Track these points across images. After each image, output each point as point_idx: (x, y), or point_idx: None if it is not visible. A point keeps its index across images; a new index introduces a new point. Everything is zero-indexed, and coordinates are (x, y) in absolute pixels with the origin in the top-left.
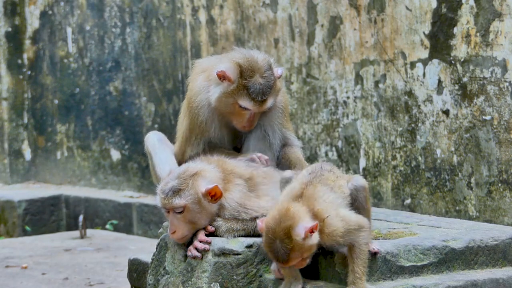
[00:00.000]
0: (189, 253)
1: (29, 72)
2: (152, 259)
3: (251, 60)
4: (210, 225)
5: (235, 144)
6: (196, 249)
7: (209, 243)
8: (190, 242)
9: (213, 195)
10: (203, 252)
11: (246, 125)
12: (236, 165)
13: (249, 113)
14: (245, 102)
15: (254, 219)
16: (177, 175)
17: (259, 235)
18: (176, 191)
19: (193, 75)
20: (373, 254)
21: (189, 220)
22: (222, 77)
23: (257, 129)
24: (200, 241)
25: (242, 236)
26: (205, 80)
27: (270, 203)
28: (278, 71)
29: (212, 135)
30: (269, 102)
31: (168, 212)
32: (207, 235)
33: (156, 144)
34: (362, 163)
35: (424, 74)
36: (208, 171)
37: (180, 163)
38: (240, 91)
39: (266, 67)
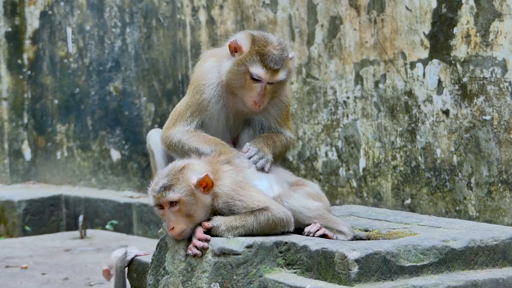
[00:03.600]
0: (189, 252)
1: (29, 72)
2: (152, 259)
3: (264, 34)
4: (209, 223)
5: (236, 132)
6: (196, 247)
7: (208, 240)
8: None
9: (205, 186)
10: (202, 249)
11: (257, 100)
12: (221, 154)
13: (260, 86)
14: (257, 70)
15: (251, 213)
16: (166, 173)
17: (258, 234)
18: (168, 187)
19: (201, 60)
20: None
21: (186, 214)
22: (234, 48)
23: (256, 124)
24: (199, 239)
25: (242, 233)
26: (216, 62)
27: (261, 195)
28: (290, 53)
29: (210, 115)
30: (281, 75)
31: (163, 209)
32: (205, 233)
33: (157, 143)
34: (362, 163)
35: (424, 74)
36: (195, 164)
37: (163, 140)
38: (252, 58)
39: (280, 42)
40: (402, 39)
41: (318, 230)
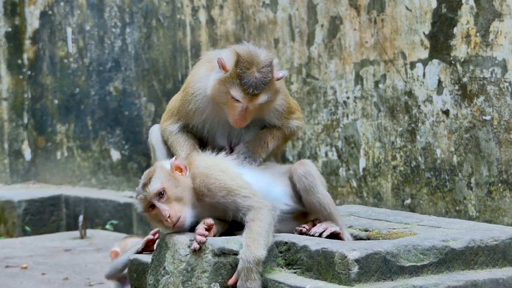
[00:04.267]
0: (192, 247)
1: (29, 72)
2: (152, 259)
3: (252, 53)
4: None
5: (229, 139)
6: (197, 242)
7: (206, 236)
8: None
9: (181, 170)
10: (201, 244)
11: (238, 119)
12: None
13: (241, 107)
14: (236, 93)
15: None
16: (142, 178)
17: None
18: (147, 183)
19: (198, 64)
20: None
21: (175, 198)
22: (220, 65)
23: (256, 127)
24: (199, 235)
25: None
26: (208, 70)
27: (240, 179)
28: (279, 73)
29: (196, 123)
30: (261, 99)
31: (154, 207)
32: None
33: (158, 139)
34: (362, 163)
35: (424, 74)
36: (164, 161)
37: (161, 131)
38: (232, 80)
39: (266, 64)
40: (402, 39)
41: (324, 230)
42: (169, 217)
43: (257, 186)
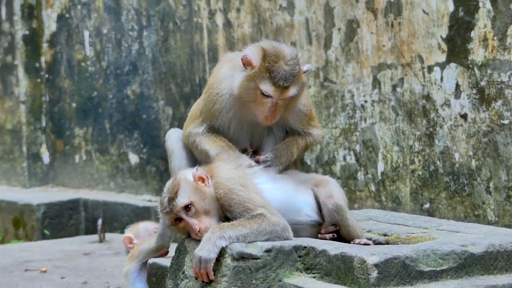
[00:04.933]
0: None
1: (46, 76)
2: (171, 263)
3: (277, 47)
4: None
5: (251, 141)
6: None
7: None
8: None
9: (203, 180)
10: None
11: (268, 115)
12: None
13: (271, 102)
14: (266, 87)
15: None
16: (165, 191)
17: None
18: (174, 197)
19: (218, 64)
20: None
21: (203, 211)
22: (245, 62)
23: (278, 130)
24: None
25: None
26: (230, 69)
27: (260, 198)
28: (304, 66)
29: (222, 123)
30: (291, 91)
31: (181, 220)
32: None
33: (175, 143)
34: (380, 167)
35: (441, 78)
36: (185, 170)
37: (183, 138)
38: (262, 74)
39: (292, 56)
40: (420, 42)
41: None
42: (199, 230)
43: (280, 195)
